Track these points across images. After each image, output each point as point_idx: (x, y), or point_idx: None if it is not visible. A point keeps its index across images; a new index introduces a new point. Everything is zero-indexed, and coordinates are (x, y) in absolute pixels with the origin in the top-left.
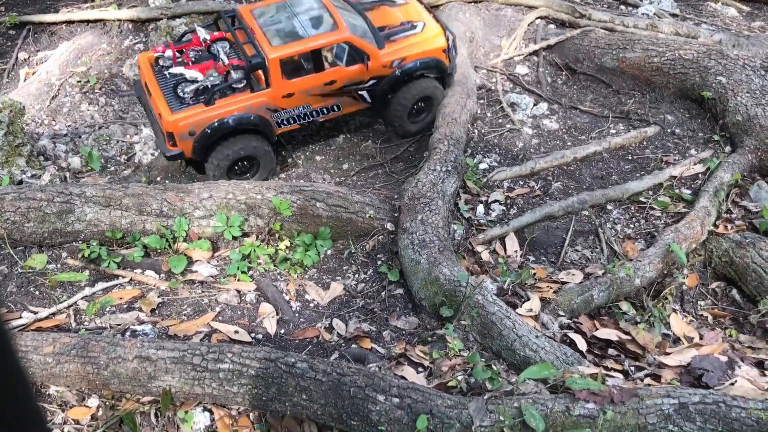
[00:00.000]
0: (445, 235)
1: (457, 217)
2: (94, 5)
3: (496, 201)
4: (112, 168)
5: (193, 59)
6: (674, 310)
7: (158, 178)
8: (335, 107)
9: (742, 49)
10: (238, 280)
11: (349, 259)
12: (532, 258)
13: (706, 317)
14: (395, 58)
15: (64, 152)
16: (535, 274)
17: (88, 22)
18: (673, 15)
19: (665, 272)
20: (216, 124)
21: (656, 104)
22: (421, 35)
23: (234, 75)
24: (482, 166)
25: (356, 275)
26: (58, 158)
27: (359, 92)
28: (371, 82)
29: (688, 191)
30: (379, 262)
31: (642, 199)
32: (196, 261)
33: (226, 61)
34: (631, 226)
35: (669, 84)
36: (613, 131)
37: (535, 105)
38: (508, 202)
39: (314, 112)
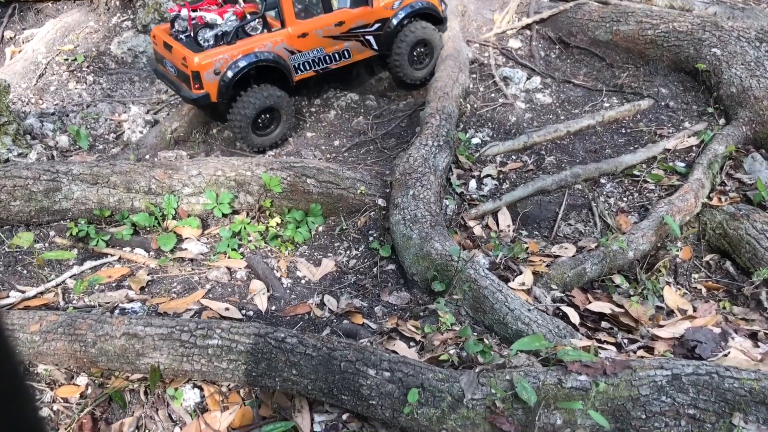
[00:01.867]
0: (437, 210)
1: (449, 192)
2: None
3: (488, 176)
4: (101, 146)
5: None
6: (668, 283)
7: (147, 156)
8: (346, 53)
9: (737, 20)
10: (229, 258)
11: (341, 236)
12: (524, 232)
13: (700, 290)
14: (393, 0)
15: (52, 131)
16: (527, 248)
17: None
18: None
19: (659, 245)
20: (240, 59)
21: (650, 77)
22: None
23: (249, 18)
24: (474, 140)
25: (348, 251)
26: (46, 137)
27: (366, 37)
28: (376, 25)
29: (682, 164)
30: (370, 238)
31: (635, 172)
32: (186, 239)
33: (243, 5)
34: (625, 199)
35: (663, 57)
36: (607, 105)
37: (528, 79)
38: (501, 176)
39: (327, 57)
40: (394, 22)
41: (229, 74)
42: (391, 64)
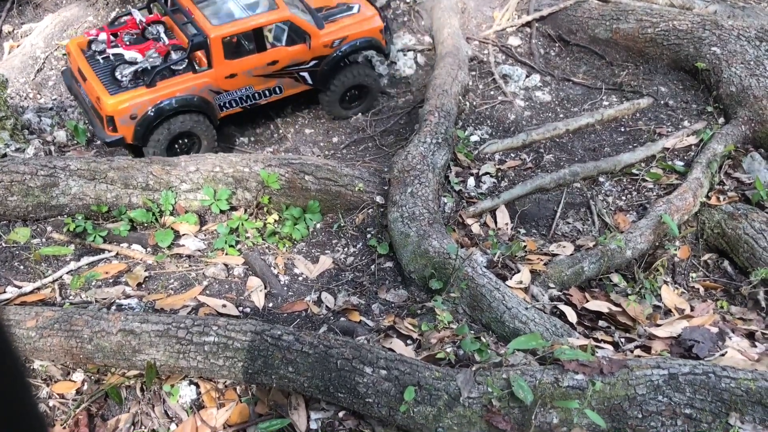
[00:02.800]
0: (435, 207)
1: (448, 189)
2: None
3: (487, 173)
4: (98, 142)
5: (128, 42)
6: (665, 282)
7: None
8: (277, 89)
9: (737, 19)
10: (226, 254)
11: (339, 233)
12: (522, 230)
13: (698, 289)
14: (335, 38)
15: (50, 126)
16: (525, 246)
17: None
18: None
19: (657, 244)
20: (159, 104)
21: (650, 76)
22: (358, 16)
23: (174, 56)
24: (473, 138)
25: (345, 249)
26: (43, 132)
27: (301, 73)
28: (312, 62)
29: (681, 163)
30: (368, 236)
31: (634, 171)
32: (183, 235)
33: (167, 41)
34: (623, 198)
35: (663, 55)
36: (606, 103)
37: (527, 77)
38: (499, 174)
39: (257, 95)
40: (331, 57)
41: (147, 120)
42: (321, 99)
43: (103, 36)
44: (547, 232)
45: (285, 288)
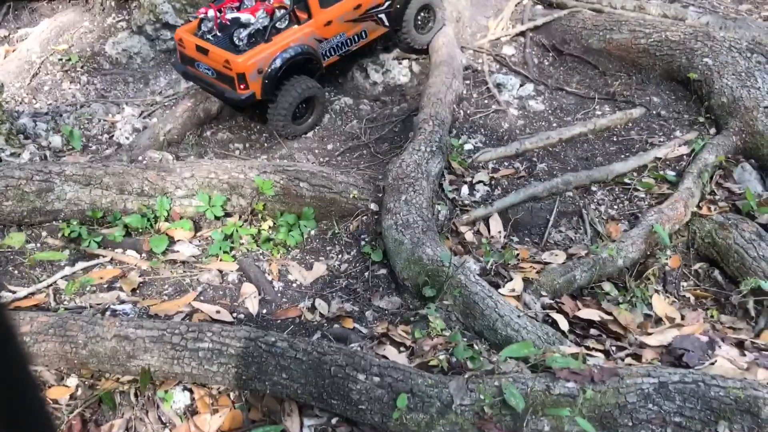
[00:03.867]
0: (429, 215)
1: (442, 197)
2: None
3: (480, 182)
4: (94, 147)
5: (230, 16)
6: (657, 291)
7: (140, 158)
8: (363, 33)
9: (729, 31)
10: (221, 260)
11: (333, 240)
12: (515, 239)
13: (689, 298)
14: None
15: (45, 131)
16: (518, 254)
17: None
18: None
19: (648, 253)
20: (280, 55)
21: (642, 86)
22: None
23: (278, 14)
24: (467, 146)
25: (340, 255)
26: (39, 137)
27: (379, 15)
28: (386, 3)
29: (673, 173)
30: (362, 243)
31: (626, 180)
32: (178, 241)
33: (271, 1)
34: (615, 207)
35: (655, 65)
36: (599, 112)
37: (521, 86)
38: (493, 182)
39: (349, 41)
40: (399, 3)
41: (272, 71)
42: (400, 34)
43: (211, 13)
44: (539, 240)
45: (279, 294)
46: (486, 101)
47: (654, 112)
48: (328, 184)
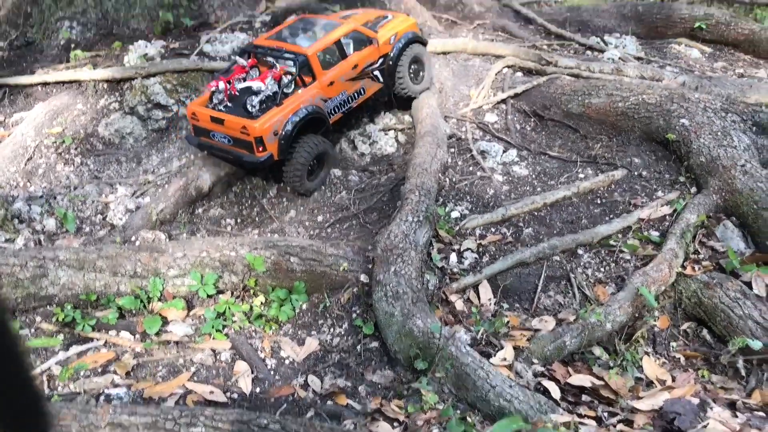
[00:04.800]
0: (419, 286)
1: (430, 266)
2: (70, 66)
3: (468, 249)
4: (87, 229)
5: (238, 87)
6: (646, 353)
7: (133, 238)
8: (362, 89)
9: (704, 89)
10: (213, 339)
11: (324, 313)
12: (506, 305)
13: (679, 358)
14: (390, 36)
15: (39, 214)
16: (508, 322)
17: (63, 83)
18: (638, 58)
19: (636, 315)
20: (292, 117)
21: (623, 147)
22: (395, 20)
23: (285, 80)
24: (454, 214)
25: (331, 329)
26: (33, 221)
27: (374, 72)
28: (380, 61)
29: (657, 233)
30: (354, 315)
31: (612, 242)
32: (171, 321)
33: (278, 68)
34: (602, 269)
35: (634, 127)
36: (582, 175)
37: (504, 152)
38: (481, 249)
39: (350, 98)
40: (394, 52)
41: (286, 132)
42: (396, 86)
43: (221, 85)
44: (529, 306)
45: (272, 372)
46: (471, 168)
47: (635, 173)
48: (319, 258)
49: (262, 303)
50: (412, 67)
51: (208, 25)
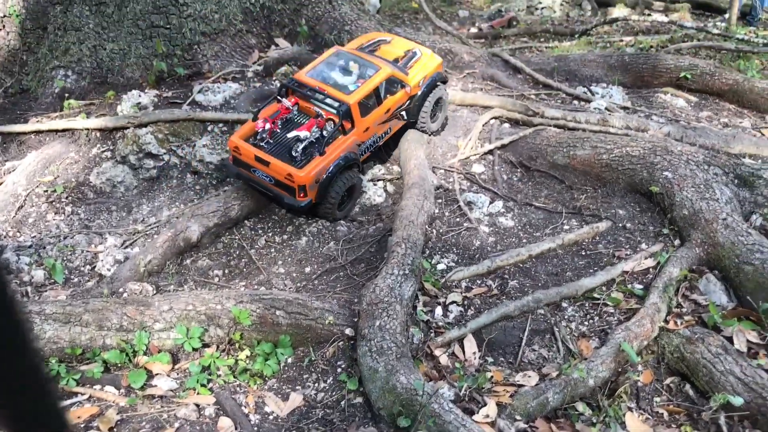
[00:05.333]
0: (403, 340)
1: (416, 320)
2: (64, 115)
3: (453, 302)
4: (76, 279)
5: (281, 124)
6: (630, 409)
7: (120, 289)
8: (389, 129)
9: (689, 140)
10: (198, 394)
11: (309, 367)
12: (490, 359)
13: (662, 414)
14: (420, 79)
15: (28, 264)
16: (492, 377)
17: (57, 131)
18: (624, 108)
19: (619, 370)
20: (333, 166)
21: (608, 199)
22: (424, 58)
23: (329, 127)
24: (440, 266)
25: (316, 384)
26: (21, 272)
27: (401, 112)
28: (408, 102)
29: (640, 286)
30: (339, 370)
31: (596, 295)
32: (156, 374)
33: (324, 115)
34: (586, 323)
35: (619, 179)
36: (567, 227)
37: (491, 203)
38: (466, 302)
39: (379, 138)
40: (418, 100)
41: (326, 180)
42: (417, 123)
43: (267, 126)
44: (514, 360)
45: (255, 428)
46: (458, 219)
47: (620, 224)
48: (304, 311)
49: (247, 357)
50: (434, 107)
51: (201, 74)
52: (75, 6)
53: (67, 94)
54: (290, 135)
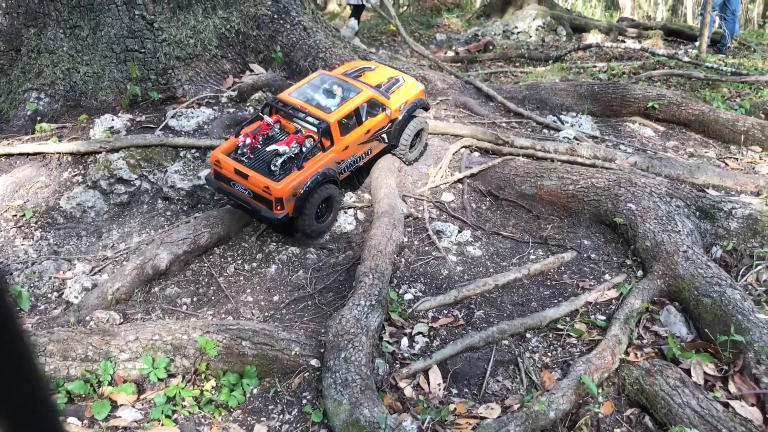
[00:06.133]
0: (368, 372)
1: (381, 351)
2: (35, 138)
3: (419, 333)
4: (42, 307)
5: (262, 140)
6: None
7: (87, 318)
8: (369, 150)
9: (655, 170)
10: (162, 425)
11: (275, 398)
12: (455, 390)
13: None
14: (401, 103)
15: None
16: (455, 409)
17: (27, 155)
18: (593, 137)
19: (580, 402)
20: (310, 180)
21: (573, 229)
22: (406, 84)
23: (308, 144)
24: (407, 296)
25: (281, 416)
26: None
27: (382, 135)
28: (388, 125)
29: (603, 317)
30: (304, 401)
31: (559, 326)
32: (121, 405)
33: (302, 132)
34: (549, 354)
35: (584, 210)
36: (533, 257)
37: (459, 232)
38: (432, 333)
39: (358, 158)
40: (398, 124)
41: (303, 194)
42: (397, 152)
43: (248, 140)
44: (478, 391)
45: None
46: (426, 248)
47: (585, 255)
48: (270, 342)
49: (213, 387)
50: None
51: (175, 99)
52: (49, 29)
53: (39, 117)
54: (269, 148)
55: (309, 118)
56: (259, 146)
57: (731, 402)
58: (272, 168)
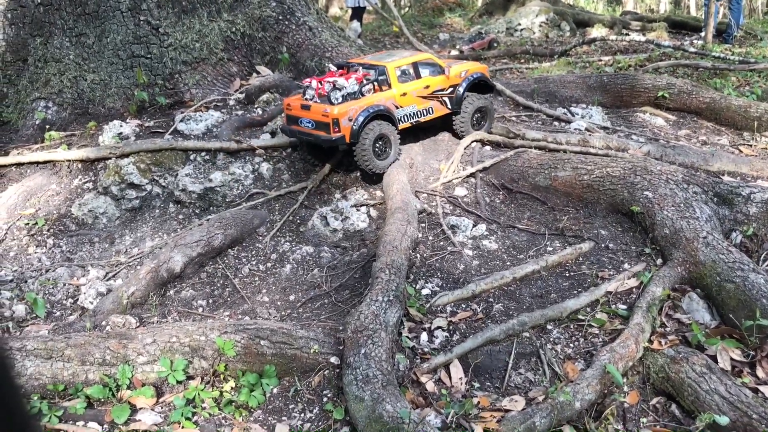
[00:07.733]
0: (389, 368)
1: (401, 347)
2: (45, 147)
3: (439, 327)
4: (58, 313)
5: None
6: (616, 430)
7: (103, 323)
8: (431, 109)
9: (668, 159)
10: (183, 428)
11: (295, 397)
12: (477, 384)
13: None
14: (462, 71)
15: (9, 299)
16: (478, 403)
17: (38, 163)
18: (604, 128)
19: (605, 392)
20: (365, 110)
21: (590, 219)
22: (467, 63)
23: (365, 82)
24: (425, 291)
25: (302, 414)
26: (2, 307)
27: (443, 98)
28: (449, 90)
29: (624, 306)
30: (324, 399)
31: (580, 316)
32: (140, 409)
33: (361, 72)
34: (571, 345)
35: (600, 200)
36: (550, 248)
37: (474, 226)
38: (451, 327)
39: (419, 113)
40: (460, 89)
41: (359, 120)
42: (456, 122)
43: (314, 83)
44: (500, 385)
45: None
46: (441, 243)
47: (602, 245)
48: (289, 341)
49: (232, 388)
50: (476, 115)
51: (182, 103)
52: (55, 38)
53: (47, 126)
54: (331, 79)
55: (370, 67)
56: (326, 94)
57: (760, 387)
58: (332, 101)
